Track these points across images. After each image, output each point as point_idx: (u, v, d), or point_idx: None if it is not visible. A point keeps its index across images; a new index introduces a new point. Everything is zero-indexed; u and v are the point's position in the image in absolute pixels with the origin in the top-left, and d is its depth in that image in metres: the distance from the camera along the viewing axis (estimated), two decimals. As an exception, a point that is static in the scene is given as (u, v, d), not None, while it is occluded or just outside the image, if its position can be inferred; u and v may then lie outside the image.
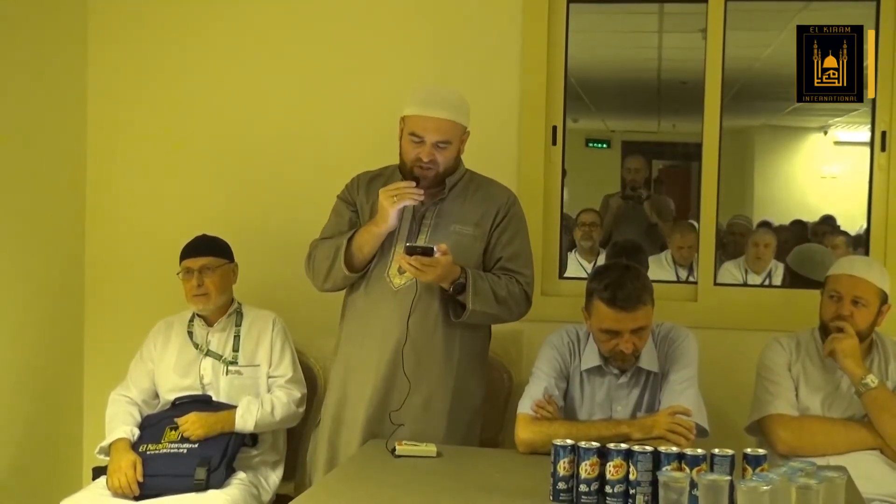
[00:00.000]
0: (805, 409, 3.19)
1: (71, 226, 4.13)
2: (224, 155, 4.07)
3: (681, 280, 4.66)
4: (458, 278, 3.04)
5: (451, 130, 3.09)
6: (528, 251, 3.24)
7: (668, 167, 6.73)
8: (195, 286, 3.45)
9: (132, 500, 3.23)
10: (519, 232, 3.22)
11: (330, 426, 3.21)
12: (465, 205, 3.18)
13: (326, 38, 4.00)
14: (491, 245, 3.18)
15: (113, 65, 4.14)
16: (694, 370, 3.00)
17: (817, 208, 5.91)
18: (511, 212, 3.21)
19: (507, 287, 3.12)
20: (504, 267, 3.16)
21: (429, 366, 3.11)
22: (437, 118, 3.07)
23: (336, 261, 3.13)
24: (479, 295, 3.05)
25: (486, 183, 3.26)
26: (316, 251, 3.24)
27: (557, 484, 2.50)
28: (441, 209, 3.16)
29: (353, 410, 3.16)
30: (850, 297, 3.15)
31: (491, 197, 3.22)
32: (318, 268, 3.21)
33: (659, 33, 5.51)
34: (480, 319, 3.14)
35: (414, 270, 2.96)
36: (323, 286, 3.24)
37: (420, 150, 3.07)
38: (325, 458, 3.20)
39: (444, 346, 3.12)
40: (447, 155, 3.10)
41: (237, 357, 3.50)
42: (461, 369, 3.16)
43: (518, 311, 3.19)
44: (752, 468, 2.43)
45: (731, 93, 4.02)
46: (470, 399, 3.21)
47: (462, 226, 3.15)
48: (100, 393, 3.72)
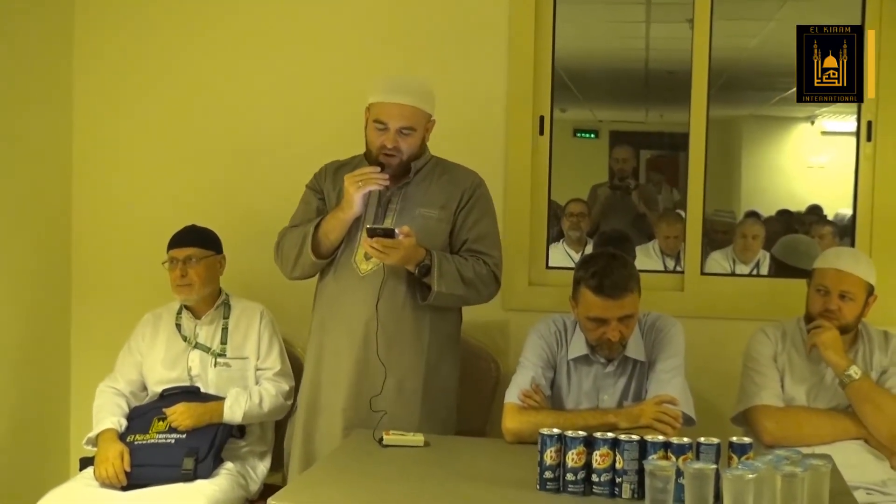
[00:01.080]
0: (790, 400, 3.20)
1: (57, 217, 4.11)
2: (212, 147, 4.06)
3: (668, 270, 4.67)
4: (423, 260, 3.05)
5: (414, 117, 3.11)
6: (494, 233, 3.26)
7: (656, 156, 6.73)
8: (179, 276, 3.45)
9: (119, 489, 3.22)
10: (485, 214, 3.24)
11: (305, 413, 3.23)
12: (431, 188, 3.20)
13: (311, 31, 3.99)
14: (457, 227, 3.20)
15: (99, 57, 4.12)
16: (681, 359, 3.01)
17: (804, 198, 5.92)
18: (476, 194, 3.23)
19: (473, 268, 3.13)
20: (471, 248, 3.18)
21: (399, 349, 3.12)
22: (400, 104, 3.10)
23: (303, 248, 3.15)
24: (444, 276, 3.06)
25: (451, 167, 3.28)
26: (284, 239, 3.26)
27: (544, 473, 2.51)
28: (406, 193, 3.17)
29: (329, 397, 3.17)
30: (837, 292, 3.16)
31: (456, 180, 3.23)
32: (286, 255, 3.23)
33: (646, 23, 5.52)
34: (448, 301, 3.15)
35: (377, 253, 2.98)
36: (291, 274, 3.26)
37: (384, 137, 3.10)
38: (301, 445, 3.22)
39: (413, 330, 3.14)
40: (411, 142, 3.12)
41: (225, 349, 3.50)
42: (432, 352, 3.18)
43: (487, 293, 3.21)
44: (738, 457, 2.44)
45: (718, 83, 4.03)
46: (443, 381, 3.22)
47: (427, 209, 3.16)
48: (87, 384, 3.72)
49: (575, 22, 4.22)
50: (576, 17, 4.21)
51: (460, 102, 3.87)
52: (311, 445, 3.20)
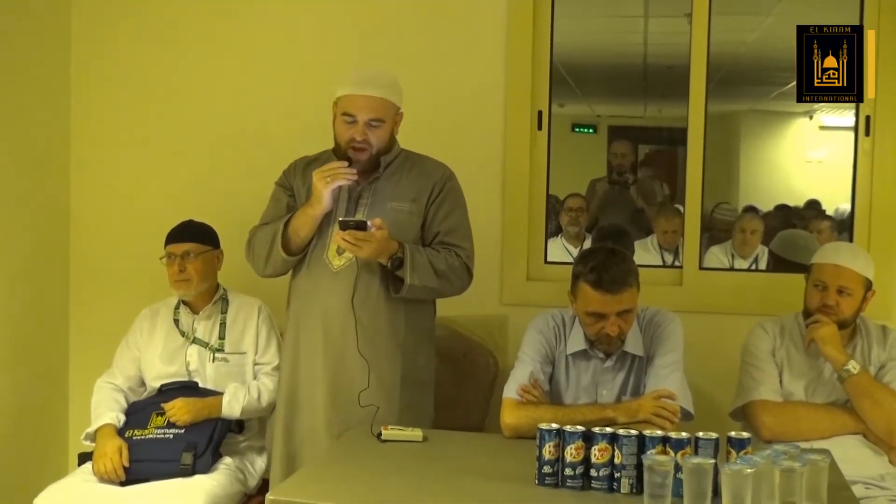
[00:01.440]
0: (789, 395, 3.21)
1: (55, 214, 4.11)
2: (209, 142, 4.07)
3: (666, 264, 4.67)
4: (395, 253, 3.05)
5: (382, 108, 3.11)
6: (466, 225, 3.25)
7: (654, 151, 6.72)
8: (177, 271, 3.45)
9: (118, 485, 3.23)
10: (456, 206, 3.23)
11: (285, 410, 3.22)
12: (401, 182, 3.20)
13: (309, 28, 4.00)
14: (428, 220, 3.20)
15: (96, 54, 4.13)
16: (679, 354, 3.01)
17: (802, 193, 5.91)
18: (447, 186, 3.23)
19: (446, 260, 3.14)
20: (443, 241, 3.18)
21: (375, 343, 3.11)
22: (368, 96, 3.09)
23: (274, 245, 3.14)
24: (417, 269, 3.06)
25: (421, 160, 3.28)
26: (254, 237, 3.24)
27: (543, 468, 2.51)
28: (377, 187, 3.17)
29: (308, 394, 3.17)
30: (835, 287, 3.17)
31: (426, 173, 3.23)
32: (257, 253, 3.22)
33: (644, 18, 5.50)
34: (421, 294, 3.15)
35: (349, 246, 2.97)
36: (264, 272, 3.25)
37: (353, 130, 3.09)
38: (282, 444, 3.20)
39: (388, 323, 3.14)
40: (380, 134, 3.12)
41: (223, 344, 3.50)
42: (409, 345, 3.18)
43: (459, 285, 3.21)
44: (737, 451, 2.44)
45: (716, 77, 4.02)
46: (420, 374, 3.23)
47: (399, 202, 3.16)
48: (85, 380, 3.72)
49: (573, 17, 4.21)
50: (574, 12, 4.20)
51: (458, 97, 3.88)
52: (292, 444, 3.19)
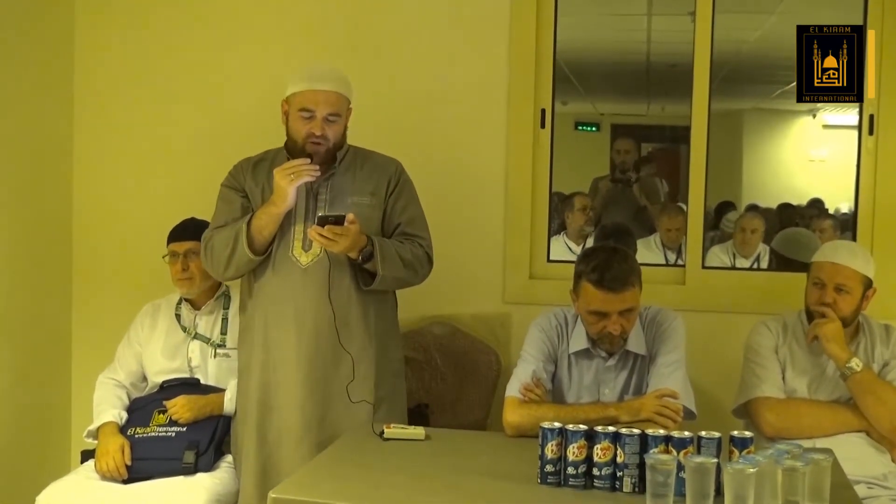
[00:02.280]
0: (792, 392, 3.20)
1: (58, 211, 4.12)
2: (212, 141, 4.06)
3: (669, 263, 4.66)
4: (365, 246, 3.07)
5: (338, 103, 3.14)
6: (422, 215, 3.31)
7: (656, 149, 6.72)
8: (180, 270, 3.45)
9: (120, 483, 3.22)
10: (412, 197, 3.30)
11: (257, 414, 3.19)
12: (357, 176, 3.22)
13: (311, 30, 3.99)
14: (388, 212, 3.24)
15: (99, 52, 4.14)
16: (681, 353, 3.01)
17: (805, 191, 5.91)
18: (402, 179, 3.28)
19: (410, 250, 3.18)
20: (404, 232, 3.23)
21: (350, 336, 3.14)
22: (326, 91, 3.12)
23: (237, 246, 3.13)
24: (386, 260, 3.10)
25: (370, 154, 3.31)
26: (212, 241, 3.22)
27: (545, 466, 2.51)
28: (333, 183, 3.19)
29: (284, 394, 3.16)
30: (832, 285, 3.16)
31: (380, 167, 3.27)
32: (217, 257, 3.20)
33: (648, 16, 5.50)
34: (389, 285, 3.20)
35: (326, 241, 2.99)
36: (224, 274, 3.25)
37: (311, 125, 3.11)
38: (255, 447, 3.18)
39: (360, 316, 3.17)
40: (336, 129, 3.15)
41: (225, 340, 3.50)
42: (379, 336, 3.22)
43: (423, 273, 3.26)
44: (739, 450, 2.44)
45: (719, 76, 4.02)
46: (390, 364, 3.27)
47: (359, 196, 3.19)
48: (88, 376, 3.72)
49: (576, 15, 4.21)
50: (577, 10, 4.20)
51: (462, 95, 3.88)
52: (266, 446, 3.18)
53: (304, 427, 3.13)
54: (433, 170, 3.65)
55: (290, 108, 3.17)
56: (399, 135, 3.70)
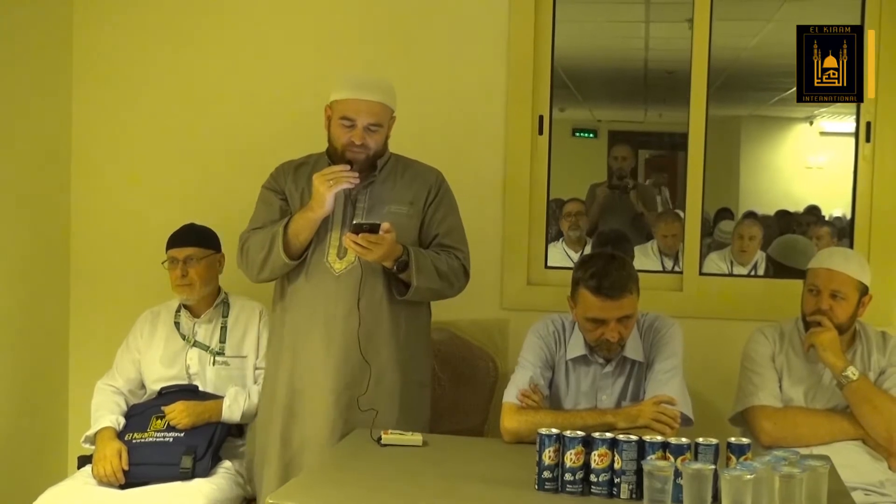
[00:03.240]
0: (788, 400, 3.20)
1: (56, 215, 4.11)
2: (211, 144, 4.06)
3: (666, 270, 4.67)
4: (400, 256, 3.06)
5: (381, 113, 3.13)
6: (461, 227, 3.29)
7: (654, 156, 6.73)
8: (179, 276, 3.45)
9: (117, 488, 3.22)
10: (452, 208, 3.27)
11: (282, 418, 3.18)
12: (396, 185, 3.21)
13: (309, 30, 4.00)
14: (426, 223, 3.22)
15: (98, 55, 4.12)
16: (679, 360, 3.01)
17: (802, 198, 5.92)
18: (442, 189, 3.26)
19: (446, 262, 3.16)
20: (441, 243, 3.21)
21: (377, 345, 3.13)
22: (368, 101, 3.11)
23: (273, 249, 3.13)
24: (421, 271, 3.08)
25: (411, 163, 3.30)
26: (248, 242, 3.22)
27: (542, 473, 2.51)
28: (372, 191, 3.18)
29: (311, 400, 3.15)
30: (828, 291, 3.17)
31: (420, 176, 3.26)
32: (252, 259, 3.20)
33: (646, 23, 5.51)
34: (424, 296, 3.17)
35: (360, 249, 2.97)
36: (258, 277, 3.24)
37: (352, 134, 3.10)
38: (279, 452, 3.18)
39: (390, 325, 3.15)
40: (377, 138, 3.14)
41: (224, 348, 3.50)
42: (408, 346, 3.20)
43: (458, 286, 3.23)
44: (736, 457, 2.44)
45: (717, 83, 4.03)
46: (419, 375, 3.24)
47: (397, 205, 3.17)
48: (85, 382, 3.72)
49: (574, 21, 4.22)
50: (575, 17, 4.21)
51: (459, 102, 3.88)
52: (289, 451, 3.17)
53: (328, 434, 3.11)
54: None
55: (332, 114, 3.16)
56: (397, 141, 3.69)
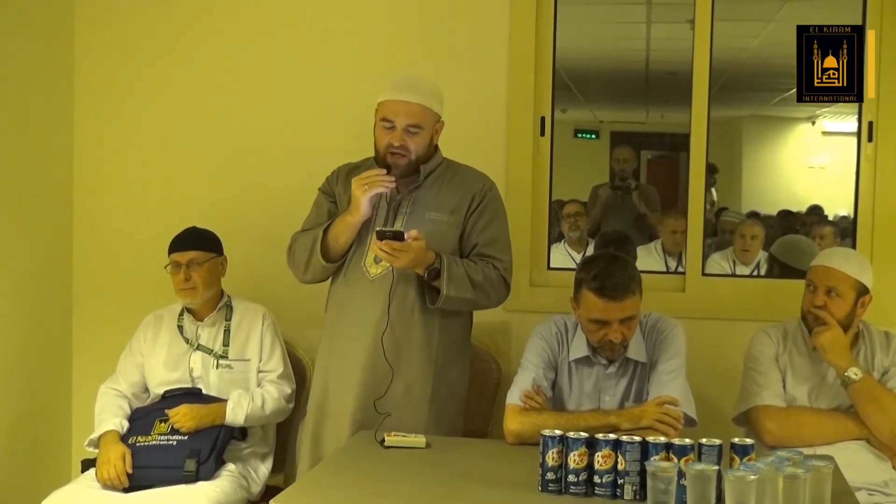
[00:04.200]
0: (792, 400, 3.20)
1: (59, 219, 4.11)
2: (212, 148, 4.06)
3: (669, 270, 4.67)
4: (432, 264, 3.04)
5: (421, 115, 3.10)
6: (505, 237, 3.23)
7: (656, 157, 6.73)
8: (182, 280, 3.45)
9: (121, 491, 3.22)
10: (496, 218, 3.21)
11: (314, 417, 3.22)
12: (441, 192, 3.18)
13: (312, 33, 3.99)
14: (467, 231, 3.17)
15: (100, 57, 4.12)
16: (682, 360, 3.01)
17: (805, 198, 5.92)
18: (487, 197, 3.20)
19: (483, 272, 3.11)
20: (481, 253, 3.16)
21: (408, 353, 3.11)
22: (407, 102, 3.09)
23: (313, 252, 3.15)
24: (453, 280, 3.05)
25: (462, 170, 3.26)
26: (296, 243, 3.25)
27: (546, 474, 2.51)
28: (417, 197, 3.16)
29: (339, 401, 3.16)
30: (823, 288, 3.16)
31: (466, 183, 3.21)
32: (297, 260, 3.23)
33: (647, 24, 5.52)
34: (457, 305, 3.13)
35: (386, 256, 2.97)
36: (304, 277, 3.25)
37: (391, 136, 3.08)
38: (309, 450, 3.21)
39: (422, 333, 3.12)
40: (419, 141, 3.10)
41: (227, 351, 3.50)
42: (441, 356, 3.16)
43: (496, 297, 3.19)
44: (740, 458, 2.44)
45: (718, 83, 4.03)
46: (451, 386, 3.20)
47: (438, 213, 3.14)
48: (89, 386, 3.72)
49: (576, 22, 4.22)
50: (576, 18, 4.21)
51: (461, 103, 3.86)
52: (319, 449, 3.19)
53: (350, 435, 3.10)
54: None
55: (377, 116, 3.14)
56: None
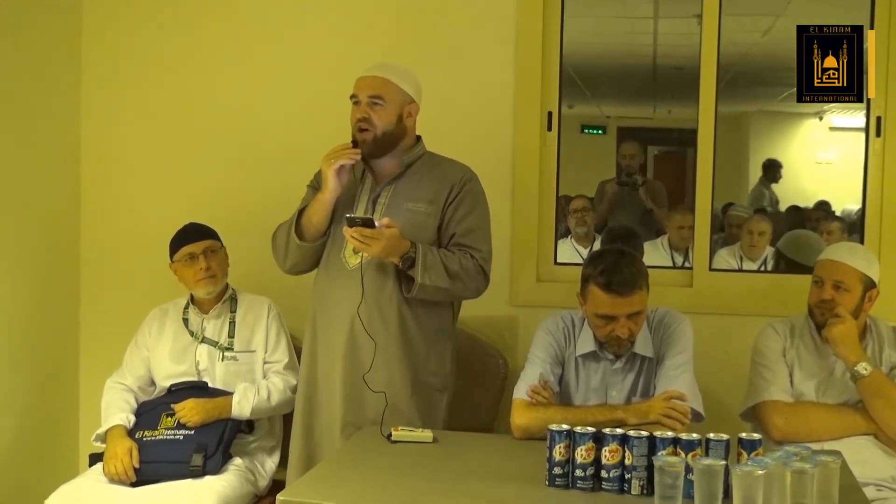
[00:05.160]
0: (800, 395, 3.20)
1: (65, 214, 4.12)
2: (218, 144, 4.07)
3: (676, 265, 4.66)
4: (407, 252, 3.03)
5: (383, 86, 3.12)
6: (484, 227, 3.22)
7: (663, 153, 6.72)
8: (203, 269, 3.46)
9: (128, 486, 3.23)
10: (475, 208, 3.20)
11: (303, 408, 3.22)
12: (421, 183, 3.19)
13: (318, 30, 4.00)
14: (445, 221, 3.17)
15: (107, 54, 4.14)
16: (689, 355, 3.01)
17: (812, 194, 5.91)
18: (466, 188, 3.19)
19: (459, 261, 3.10)
20: (458, 243, 3.15)
21: (387, 343, 3.10)
22: (369, 76, 3.14)
23: (290, 234, 3.17)
24: (428, 269, 3.03)
25: (442, 161, 3.27)
26: (277, 231, 3.27)
27: (553, 469, 2.51)
28: (396, 188, 3.17)
29: (326, 392, 3.17)
30: (830, 282, 3.16)
31: (446, 174, 3.21)
32: (278, 247, 3.25)
33: (654, 19, 5.50)
34: (433, 294, 3.11)
35: (358, 244, 2.98)
36: (285, 265, 3.26)
37: (357, 110, 3.12)
38: (301, 442, 3.20)
39: (399, 323, 3.11)
40: (382, 115, 3.11)
41: (233, 343, 3.51)
42: (419, 346, 3.15)
43: (474, 287, 3.17)
44: (747, 453, 2.44)
45: (726, 78, 4.01)
46: (430, 376, 3.19)
47: (415, 203, 3.15)
48: (95, 380, 3.72)
49: (583, 17, 4.21)
50: (583, 13, 4.20)
51: (468, 98, 3.88)
52: (311, 442, 3.19)
53: (343, 426, 3.12)
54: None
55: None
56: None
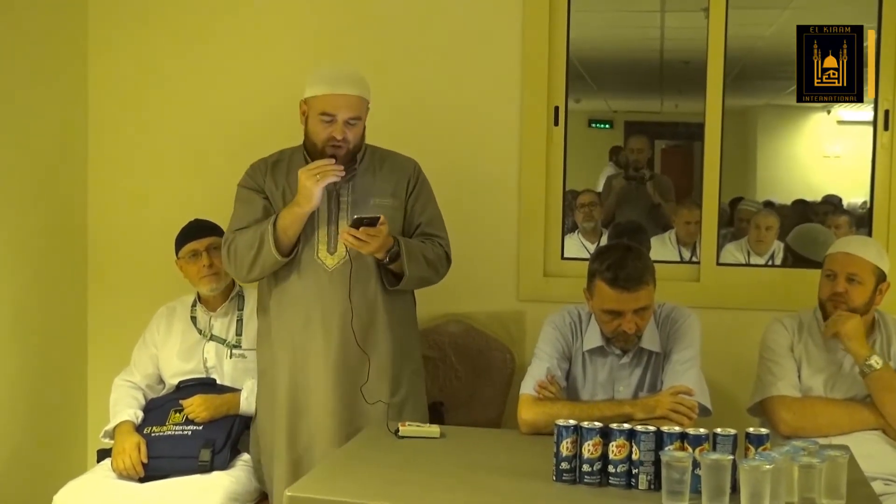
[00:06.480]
0: (807, 390, 3.19)
1: (73, 213, 4.13)
2: (225, 144, 4.06)
3: (684, 260, 4.65)
4: (391, 247, 3.08)
5: (359, 106, 3.14)
6: (440, 215, 3.33)
7: (670, 147, 6.70)
8: (205, 266, 3.46)
9: (136, 481, 3.24)
10: (430, 197, 3.31)
11: (287, 415, 3.19)
12: (377, 177, 3.23)
13: (327, 28, 3.99)
14: (408, 213, 3.24)
15: (113, 53, 4.14)
16: (696, 350, 3.00)
17: (820, 188, 5.89)
18: (420, 178, 3.30)
19: (432, 250, 3.20)
20: (424, 232, 3.25)
21: (374, 336, 3.16)
22: (346, 95, 3.11)
23: (263, 247, 3.11)
24: (412, 260, 3.12)
25: (389, 154, 3.31)
26: (235, 242, 3.19)
27: (560, 464, 2.51)
28: (354, 185, 3.19)
29: (315, 397, 3.16)
30: (844, 275, 3.16)
31: (398, 167, 3.28)
32: (241, 258, 3.17)
33: (661, 12, 5.48)
34: (414, 284, 3.22)
35: (359, 243, 2.99)
36: (248, 276, 3.22)
37: (332, 129, 3.10)
38: (286, 449, 3.18)
39: (386, 317, 3.18)
40: (357, 132, 3.14)
41: (240, 341, 3.51)
42: (401, 334, 3.23)
43: (442, 272, 3.27)
44: (755, 447, 2.44)
45: (733, 72, 4.01)
46: (412, 363, 3.29)
47: (380, 198, 3.19)
48: (104, 378, 3.74)
49: (589, 12, 4.20)
50: (590, 7, 4.19)
51: (474, 93, 3.87)
52: (296, 449, 3.18)
53: (335, 430, 3.13)
54: (447, 168, 3.65)
55: (309, 110, 3.15)
56: (412, 134, 3.70)
